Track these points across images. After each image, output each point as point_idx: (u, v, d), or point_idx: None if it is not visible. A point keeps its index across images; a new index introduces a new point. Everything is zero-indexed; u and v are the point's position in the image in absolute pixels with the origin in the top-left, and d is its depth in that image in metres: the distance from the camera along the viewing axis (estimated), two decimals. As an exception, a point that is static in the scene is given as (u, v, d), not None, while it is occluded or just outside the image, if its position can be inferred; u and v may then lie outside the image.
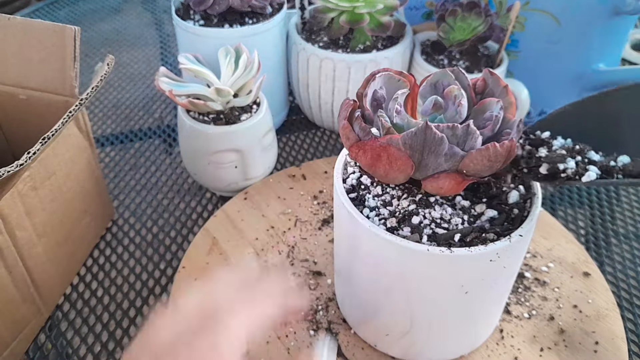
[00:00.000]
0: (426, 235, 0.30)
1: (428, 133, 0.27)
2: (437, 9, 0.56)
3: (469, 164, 0.28)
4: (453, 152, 0.27)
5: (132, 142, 0.63)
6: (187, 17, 0.55)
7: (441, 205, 0.31)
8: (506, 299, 0.39)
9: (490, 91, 0.31)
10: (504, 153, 0.27)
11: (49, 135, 0.35)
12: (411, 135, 0.27)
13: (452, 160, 0.28)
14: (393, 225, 0.31)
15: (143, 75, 0.76)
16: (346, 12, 0.53)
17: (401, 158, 0.28)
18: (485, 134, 0.28)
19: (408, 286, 0.32)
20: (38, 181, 0.39)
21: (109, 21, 0.91)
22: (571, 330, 0.40)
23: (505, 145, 0.27)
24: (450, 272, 0.30)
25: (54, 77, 0.43)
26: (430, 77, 0.31)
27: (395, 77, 0.31)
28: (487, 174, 0.29)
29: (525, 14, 0.57)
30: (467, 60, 0.56)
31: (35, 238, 0.39)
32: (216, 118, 0.49)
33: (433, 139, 0.27)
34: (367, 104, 0.31)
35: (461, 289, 0.31)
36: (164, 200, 0.55)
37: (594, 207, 0.54)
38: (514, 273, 0.35)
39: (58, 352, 0.41)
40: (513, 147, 0.27)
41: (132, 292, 0.46)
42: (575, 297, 0.43)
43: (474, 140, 0.27)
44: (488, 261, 0.29)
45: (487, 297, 0.34)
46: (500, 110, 0.29)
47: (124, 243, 0.50)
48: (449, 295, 0.32)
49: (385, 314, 0.36)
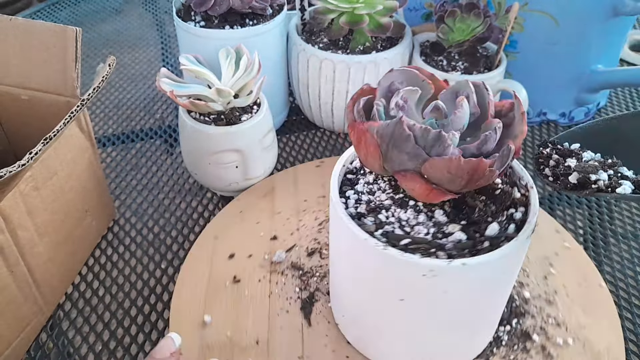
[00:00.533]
0: (384, 231, 0.30)
1: (397, 128, 0.27)
2: (436, 10, 0.56)
3: (429, 169, 0.27)
4: (416, 152, 0.27)
5: (133, 142, 0.64)
6: (188, 18, 0.55)
7: (418, 211, 0.31)
8: (468, 339, 0.36)
9: (512, 115, 0.29)
10: (467, 169, 0.26)
11: (50, 135, 0.35)
12: (384, 126, 0.27)
13: (415, 160, 0.28)
14: (361, 212, 0.32)
15: (144, 76, 0.76)
16: (346, 13, 0.54)
17: (372, 145, 0.28)
18: (469, 150, 0.28)
19: (357, 276, 0.33)
20: (40, 181, 0.39)
21: (110, 22, 0.91)
22: None
23: (470, 162, 0.26)
24: (384, 270, 0.30)
25: (55, 78, 0.43)
26: (452, 85, 0.31)
27: (420, 77, 0.31)
28: (451, 187, 0.28)
29: (524, 14, 0.57)
30: (466, 61, 0.56)
31: (36, 238, 0.40)
32: (217, 118, 0.49)
33: (400, 135, 0.27)
34: (379, 93, 0.31)
35: (395, 293, 0.31)
36: (165, 200, 0.55)
37: (593, 207, 0.54)
38: (469, 308, 0.32)
39: (59, 351, 0.42)
40: (480, 168, 0.26)
41: (133, 292, 0.46)
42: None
43: (442, 147, 0.27)
44: (421, 275, 0.28)
45: (430, 320, 0.32)
46: (494, 132, 0.28)
47: (125, 242, 0.50)
48: (384, 297, 0.32)
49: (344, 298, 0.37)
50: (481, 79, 0.54)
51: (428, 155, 0.27)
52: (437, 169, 0.27)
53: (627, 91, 0.72)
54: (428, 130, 0.27)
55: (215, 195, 0.55)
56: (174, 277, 0.47)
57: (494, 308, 0.36)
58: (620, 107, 0.69)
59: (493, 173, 0.27)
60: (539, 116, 0.64)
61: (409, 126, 0.27)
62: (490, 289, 0.32)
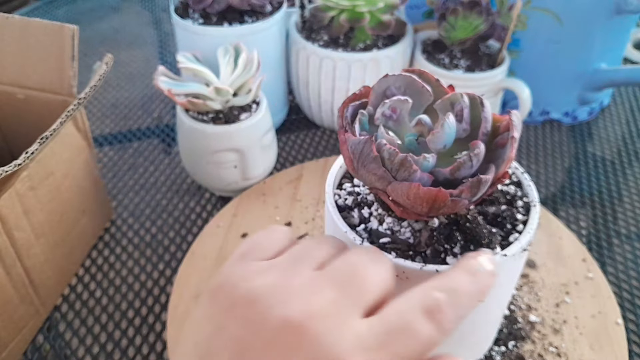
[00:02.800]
0: (368, 227, 0.30)
1: (366, 147, 0.26)
2: (438, 7, 0.55)
3: (392, 192, 0.26)
4: (381, 175, 0.26)
5: (130, 141, 0.63)
6: (186, 16, 0.54)
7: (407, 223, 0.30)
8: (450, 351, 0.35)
9: (506, 136, 0.27)
10: (425, 198, 0.25)
11: (47, 135, 0.35)
12: (356, 142, 0.27)
13: (382, 182, 0.27)
14: (348, 205, 0.31)
15: (142, 74, 0.76)
16: (346, 11, 0.53)
17: (347, 158, 0.28)
18: (442, 174, 0.26)
19: None
20: (36, 181, 0.39)
21: (107, 20, 0.90)
22: None
23: (428, 192, 0.25)
24: None
25: (52, 77, 0.43)
26: (448, 96, 0.29)
27: (419, 83, 0.29)
28: (417, 212, 0.27)
29: (527, 12, 0.56)
30: (468, 59, 0.56)
31: (33, 238, 0.39)
32: (215, 117, 0.48)
33: (367, 155, 0.26)
34: (372, 99, 0.30)
35: None
36: (163, 200, 0.55)
37: (596, 207, 0.53)
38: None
39: (56, 353, 0.41)
40: (439, 198, 0.25)
41: (130, 293, 0.45)
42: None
43: (407, 172, 0.26)
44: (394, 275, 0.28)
45: None
46: (468, 159, 0.26)
47: (122, 243, 0.50)
48: None
49: None
50: (483, 77, 0.54)
51: (394, 178, 0.26)
52: (398, 194, 0.26)
53: (631, 90, 0.71)
54: (395, 154, 0.25)
55: (213, 196, 0.55)
56: (172, 278, 0.46)
57: (478, 325, 0.33)
58: (623, 106, 0.68)
59: (457, 203, 0.26)
60: (542, 115, 0.64)
61: (378, 146, 0.26)
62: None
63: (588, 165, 0.59)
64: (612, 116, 0.67)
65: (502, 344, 0.39)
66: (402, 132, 0.29)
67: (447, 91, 0.29)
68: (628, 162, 0.59)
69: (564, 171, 0.58)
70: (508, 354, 0.39)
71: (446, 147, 0.27)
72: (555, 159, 0.60)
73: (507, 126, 0.27)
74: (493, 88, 0.55)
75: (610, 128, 0.65)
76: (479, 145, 0.26)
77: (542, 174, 0.58)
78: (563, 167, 0.58)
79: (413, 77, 0.29)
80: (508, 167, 0.27)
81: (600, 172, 0.58)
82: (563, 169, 0.58)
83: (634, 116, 0.67)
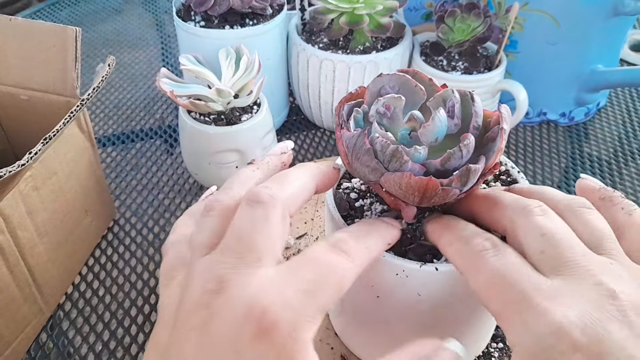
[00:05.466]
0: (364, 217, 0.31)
1: (359, 140, 0.27)
2: (436, 10, 0.56)
3: (384, 183, 0.27)
4: (375, 166, 0.27)
5: (133, 142, 0.64)
6: (187, 18, 0.55)
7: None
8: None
9: (496, 130, 0.28)
10: (416, 187, 0.26)
11: (50, 135, 0.35)
12: (350, 136, 0.27)
13: (375, 174, 0.27)
14: (349, 203, 0.32)
15: (144, 76, 0.76)
16: (346, 13, 0.54)
17: (343, 153, 0.28)
18: (433, 165, 0.27)
19: None
20: (39, 181, 0.39)
21: (110, 22, 0.91)
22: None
23: (419, 181, 0.25)
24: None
25: (55, 78, 0.43)
26: (440, 93, 0.29)
27: (412, 82, 0.30)
28: (409, 202, 0.28)
29: (524, 14, 0.57)
30: (466, 61, 0.56)
31: (36, 238, 0.40)
32: (217, 118, 0.49)
33: (361, 147, 0.27)
34: (367, 98, 0.30)
35: (371, 289, 0.31)
36: (165, 200, 0.55)
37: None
38: (445, 315, 0.31)
39: (60, 351, 0.42)
40: (429, 187, 0.26)
41: (133, 292, 0.46)
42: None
43: (399, 163, 0.26)
44: (394, 275, 0.28)
45: (407, 322, 0.32)
46: (458, 150, 0.26)
47: (125, 242, 0.50)
48: (361, 289, 0.31)
49: None
50: (481, 79, 0.55)
51: (386, 169, 0.27)
52: (390, 184, 0.27)
53: (627, 91, 0.72)
54: (387, 145, 0.26)
55: (215, 195, 0.55)
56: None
57: (478, 320, 0.34)
58: (620, 107, 0.69)
59: (448, 192, 0.26)
60: (539, 116, 0.64)
61: (371, 139, 0.27)
62: (467, 300, 0.31)
63: (585, 166, 0.59)
64: (608, 117, 0.67)
65: (499, 341, 0.39)
66: (395, 128, 0.29)
67: (440, 90, 0.30)
68: (624, 162, 0.60)
69: (560, 171, 0.58)
70: (506, 350, 0.39)
71: (438, 140, 0.28)
72: (552, 159, 0.60)
73: (497, 120, 0.28)
74: (490, 90, 0.56)
75: (607, 128, 0.65)
76: (469, 137, 0.26)
77: (539, 174, 0.58)
78: (560, 168, 0.59)
79: (407, 76, 0.29)
80: (498, 158, 0.27)
81: (596, 172, 0.58)
82: (560, 169, 0.59)
83: (630, 116, 0.67)
